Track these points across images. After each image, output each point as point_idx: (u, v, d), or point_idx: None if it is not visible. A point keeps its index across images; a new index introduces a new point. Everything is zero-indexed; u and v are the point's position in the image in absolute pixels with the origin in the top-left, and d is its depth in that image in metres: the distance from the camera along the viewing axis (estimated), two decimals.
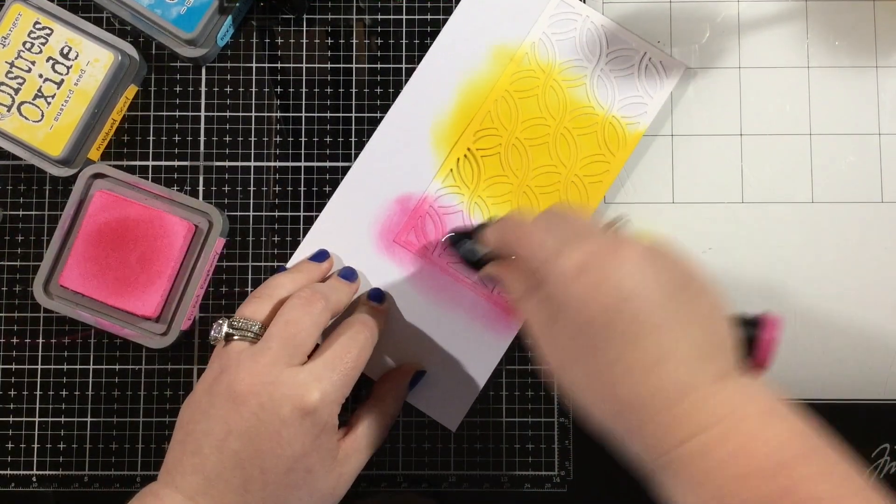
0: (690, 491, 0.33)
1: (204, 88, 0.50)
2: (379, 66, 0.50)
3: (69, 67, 0.47)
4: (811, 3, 0.50)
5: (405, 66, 0.50)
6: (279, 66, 0.50)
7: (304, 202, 0.50)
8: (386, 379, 0.47)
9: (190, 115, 0.50)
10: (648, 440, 0.34)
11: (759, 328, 0.38)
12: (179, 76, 0.50)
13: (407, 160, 0.49)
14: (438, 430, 0.49)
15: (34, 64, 0.47)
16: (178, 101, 0.50)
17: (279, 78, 0.50)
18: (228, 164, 0.50)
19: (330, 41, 0.50)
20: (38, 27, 0.47)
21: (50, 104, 0.47)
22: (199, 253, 0.48)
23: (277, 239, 0.50)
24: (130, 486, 0.48)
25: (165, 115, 0.50)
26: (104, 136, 0.49)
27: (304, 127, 0.50)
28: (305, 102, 0.50)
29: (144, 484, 0.48)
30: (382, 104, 0.50)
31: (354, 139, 0.50)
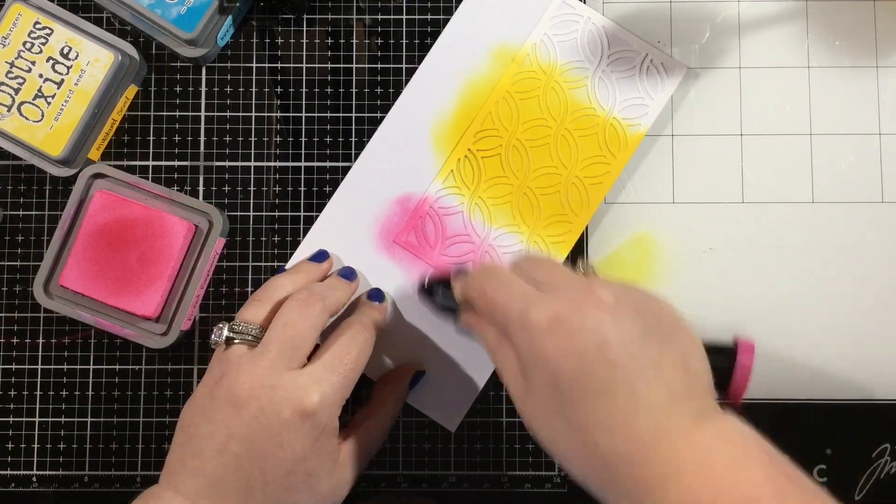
0: None
1: (204, 88, 0.50)
2: (379, 66, 0.50)
3: (69, 67, 0.47)
4: (811, 3, 0.50)
5: (405, 66, 0.50)
6: (279, 66, 0.50)
7: (304, 202, 0.50)
8: (386, 380, 0.47)
9: (190, 115, 0.50)
10: (622, 495, 0.33)
11: (734, 355, 0.37)
12: (179, 76, 0.50)
13: (407, 160, 0.49)
14: (438, 430, 0.49)
15: (34, 64, 0.47)
16: (178, 101, 0.50)
17: (279, 78, 0.50)
18: (228, 164, 0.50)
19: (330, 41, 0.50)
20: (38, 27, 0.47)
21: (50, 104, 0.47)
22: (199, 253, 0.48)
23: (277, 239, 0.50)
24: (130, 486, 0.48)
25: (165, 115, 0.50)
26: (104, 136, 0.49)
27: (304, 127, 0.50)
28: (305, 102, 0.50)
29: (145, 484, 0.48)
30: (382, 104, 0.50)
31: (354, 139, 0.50)
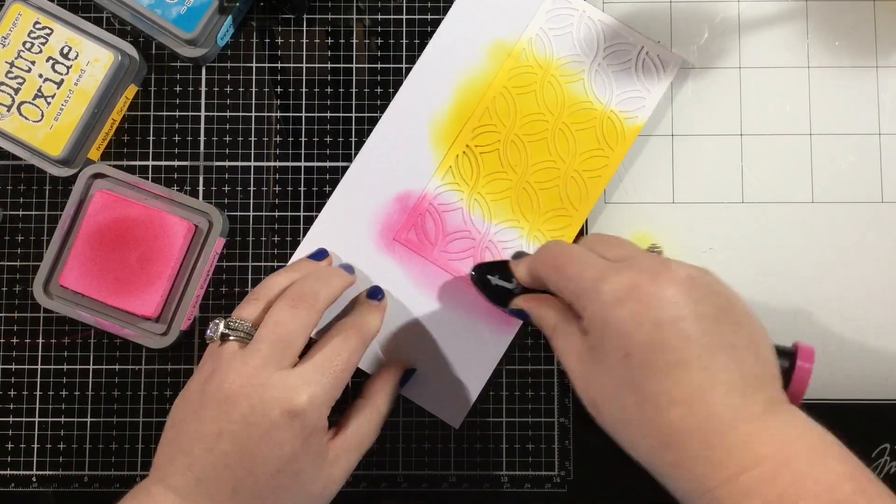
0: None
1: (204, 88, 0.50)
2: (379, 66, 0.50)
3: (69, 67, 0.47)
4: (811, 3, 0.50)
5: (405, 65, 0.50)
6: (279, 66, 0.50)
7: (304, 202, 0.50)
8: (376, 378, 0.46)
9: (190, 115, 0.50)
10: (694, 476, 0.33)
11: (793, 358, 0.37)
12: (179, 76, 0.50)
13: (406, 158, 0.49)
14: (438, 430, 0.49)
15: (34, 64, 0.47)
16: (178, 101, 0.50)
17: (279, 78, 0.50)
18: (228, 164, 0.50)
19: (330, 41, 0.51)
20: (38, 27, 0.48)
21: (50, 104, 0.47)
22: (199, 253, 0.48)
23: (277, 239, 0.50)
24: (130, 486, 0.48)
25: (165, 115, 0.50)
26: (104, 136, 0.49)
27: (304, 127, 0.50)
28: (305, 102, 0.50)
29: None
30: (382, 104, 0.50)
31: (354, 139, 0.50)
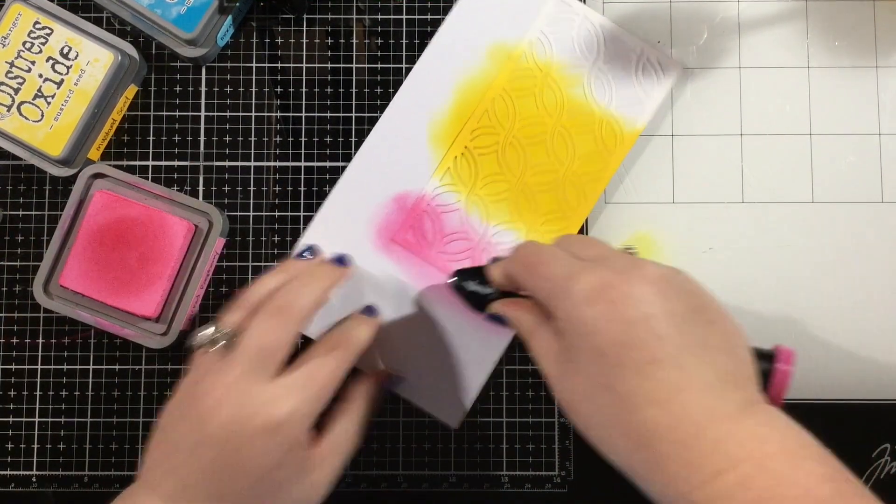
0: None
1: (204, 88, 0.50)
2: (379, 66, 0.50)
3: (69, 67, 0.47)
4: (811, 3, 0.50)
5: (405, 66, 0.50)
6: (279, 66, 0.50)
7: (304, 202, 0.50)
8: (359, 381, 0.45)
9: (190, 115, 0.50)
10: (670, 479, 0.32)
11: (773, 361, 0.37)
12: (179, 76, 0.50)
13: (404, 158, 0.49)
14: (438, 430, 0.49)
15: (34, 64, 0.47)
16: (178, 101, 0.50)
17: (279, 78, 0.50)
18: (228, 164, 0.50)
19: (330, 41, 0.51)
20: (38, 27, 0.47)
21: (50, 104, 0.47)
22: (199, 253, 0.48)
23: (277, 239, 0.50)
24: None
25: (165, 115, 0.50)
26: (104, 136, 0.49)
27: (304, 127, 0.50)
28: (305, 102, 0.50)
29: None
30: (382, 104, 0.50)
31: (354, 139, 0.50)
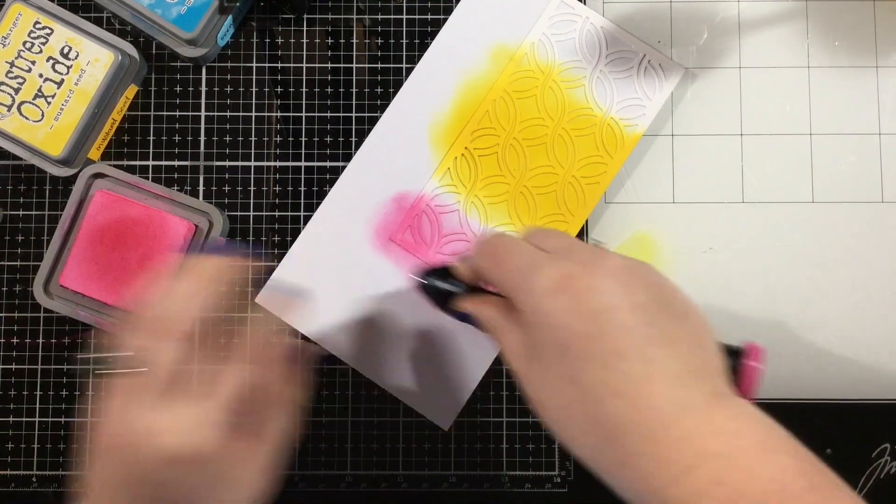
0: None
1: (204, 88, 0.50)
2: (379, 66, 0.50)
3: (69, 67, 0.47)
4: (811, 3, 0.50)
5: (405, 66, 0.50)
6: (279, 66, 0.50)
7: (304, 202, 0.50)
8: (282, 369, 0.42)
9: (190, 115, 0.50)
10: (640, 475, 0.31)
11: (742, 357, 0.36)
12: (179, 76, 0.50)
13: (404, 158, 0.49)
14: (439, 430, 0.49)
15: (34, 64, 0.47)
16: (178, 101, 0.50)
17: (279, 78, 0.50)
18: (228, 164, 0.50)
19: (330, 41, 0.50)
20: (38, 27, 0.47)
21: (50, 104, 0.47)
22: (199, 253, 0.48)
23: (277, 239, 0.50)
24: None
25: (165, 114, 0.50)
26: (104, 135, 0.49)
27: (304, 127, 0.50)
28: (305, 102, 0.50)
29: None
30: (382, 104, 0.50)
31: (354, 139, 0.50)
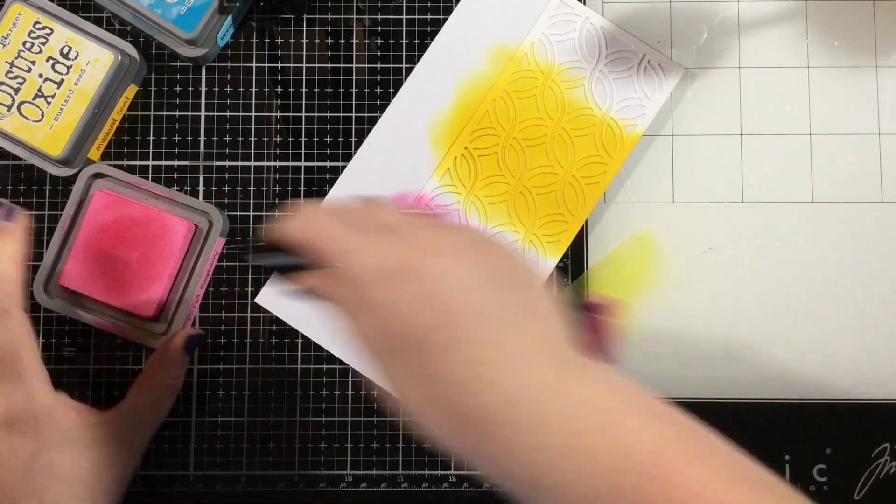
0: None
1: (204, 88, 0.50)
2: (379, 66, 0.50)
3: (69, 67, 0.47)
4: (811, 3, 0.50)
5: (405, 66, 0.50)
6: (279, 66, 0.50)
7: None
8: (155, 351, 0.46)
9: (190, 115, 0.50)
10: (498, 460, 0.29)
11: (589, 310, 0.36)
12: (179, 76, 0.50)
13: (404, 158, 0.49)
14: None
15: (34, 64, 0.47)
16: (178, 101, 0.50)
17: (279, 78, 0.50)
18: (228, 164, 0.50)
19: (330, 41, 0.50)
20: (38, 27, 0.47)
21: (50, 104, 0.47)
22: (199, 253, 0.48)
23: None
24: (130, 486, 0.48)
25: (165, 115, 0.50)
26: (104, 135, 0.49)
27: (304, 127, 0.50)
28: (305, 102, 0.50)
29: (144, 483, 0.48)
30: (382, 104, 0.50)
31: (354, 139, 0.50)
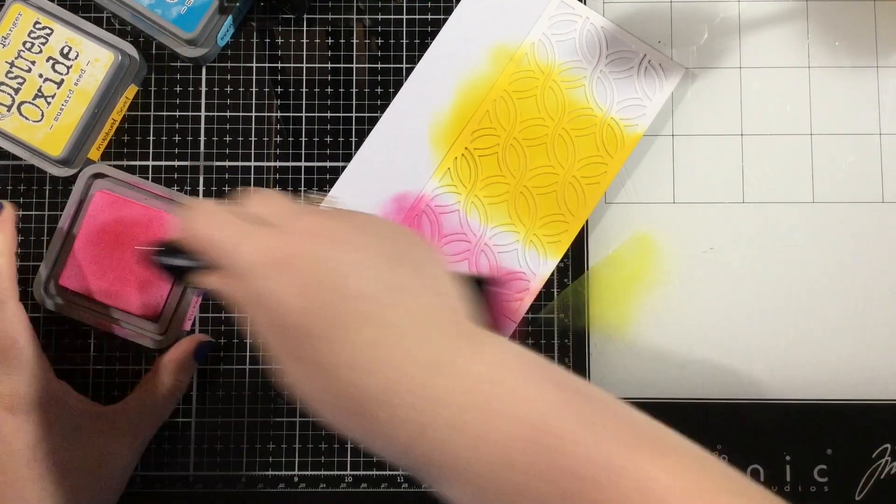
0: (455, 486, 0.29)
1: (204, 88, 0.50)
2: (379, 66, 0.50)
3: (69, 67, 0.47)
4: (811, 3, 0.50)
5: (405, 66, 0.50)
6: (279, 66, 0.50)
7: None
8: (166, 352, 0.46)
9: (190, 115, 0.50)
10: (389, 441, 0.29)
11: (484, 284, 0.36)
12: (179, 76, 0.50)
13: (404, 158, 0.49)
14: None
15: (34, 64, 0.47)
16: (178, 101, 0.50)
17: (279, 78, 0.50)
18: (228, 164, 0.50)
19: (330, 41, 0.50)
20: (38, 27, 0.47)
21: (50, 104, 0.47)
22: None
23: None
24: (130, 486, 0.49)
25: (165, 115, 0.50)
26: (104, 136, 0.49)
27: (304, 127, 0.50)
28: (305, 102, 0.50)
29: (143, 483, 0.48)
30: (382, 104, 0.50)
31: (354, 139, 0.50)
